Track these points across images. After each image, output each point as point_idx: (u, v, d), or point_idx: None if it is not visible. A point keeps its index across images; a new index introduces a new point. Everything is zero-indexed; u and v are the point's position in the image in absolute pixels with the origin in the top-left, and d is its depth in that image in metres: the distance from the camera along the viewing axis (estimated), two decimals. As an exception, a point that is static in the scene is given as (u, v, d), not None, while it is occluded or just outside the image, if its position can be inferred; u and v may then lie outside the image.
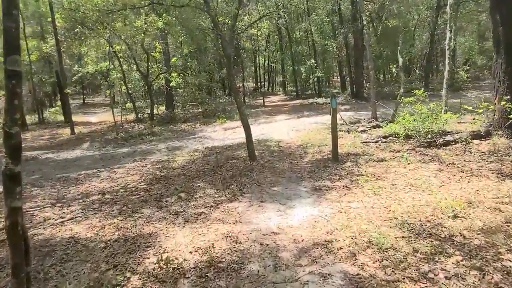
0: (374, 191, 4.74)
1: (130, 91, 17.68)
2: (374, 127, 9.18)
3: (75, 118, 21.57)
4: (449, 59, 9.11)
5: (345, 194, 4.77)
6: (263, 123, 13.26)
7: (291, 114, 15.19)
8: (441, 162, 5.74)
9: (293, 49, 22.90)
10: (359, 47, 18.51)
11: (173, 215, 4.59)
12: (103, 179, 6.87)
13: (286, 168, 6.36)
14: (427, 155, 6.22)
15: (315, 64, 20.87)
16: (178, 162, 7.67)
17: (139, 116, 16.54)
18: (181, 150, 9.39)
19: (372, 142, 7.66)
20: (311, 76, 23.07)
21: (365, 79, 19.56)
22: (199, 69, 20.31)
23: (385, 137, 7.91)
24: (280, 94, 26.98)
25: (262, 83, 33.98)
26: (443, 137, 7.05)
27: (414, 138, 7.36)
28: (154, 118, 16.51)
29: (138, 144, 10.95)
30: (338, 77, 36.23)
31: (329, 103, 6.49)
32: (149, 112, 16.55)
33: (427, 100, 7.75)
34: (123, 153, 9.66)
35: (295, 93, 23.48)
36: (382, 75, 26.94)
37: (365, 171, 5.68)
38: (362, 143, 7.69)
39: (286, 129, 11.14)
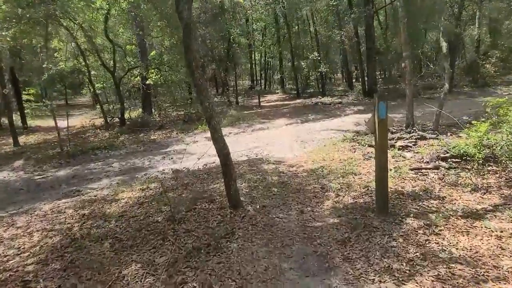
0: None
1: (98, 91, 14.80)
2: (417, 139, 6.33)
3: (43, 122, 18.68)
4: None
5: None
6: (258, 130, 10.40)
7: (292, 117, 12.33)
8: None
9: (292, 41, 19.96)
10: (372, 37, 15.66)
11: None
12: (-24, 242, 3.98)
13: (294, 228, 3.51)
14: (556, 204, 3.40)
15: (319, 58, 17.96)
16: (118, 204, 4.78)
17: (108, 121, 13.62)
18: (138, 173, 6.53)
19: (429, 168, 4.81)
20: (312, 72, 20.19)
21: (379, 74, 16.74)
22: (185, 64, 17.33)
23: (444, 158, 5.07)
24: (278, 93, 24.03)
25: (259, 81, 31.11)
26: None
27: (496, 162, 4.55)
28: (128, 122, 13.62)
29: (87, 162, 8.06)
30: (340, 74, 33.38)
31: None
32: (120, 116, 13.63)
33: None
34: (57, 178, 6.77)
35: (295, 92, 20.53)
36: (387, 72, 23.95)
37: (456, 247, 2.84)
38: (411, 170, 4.85)
39: (288, 140, 8.29)
